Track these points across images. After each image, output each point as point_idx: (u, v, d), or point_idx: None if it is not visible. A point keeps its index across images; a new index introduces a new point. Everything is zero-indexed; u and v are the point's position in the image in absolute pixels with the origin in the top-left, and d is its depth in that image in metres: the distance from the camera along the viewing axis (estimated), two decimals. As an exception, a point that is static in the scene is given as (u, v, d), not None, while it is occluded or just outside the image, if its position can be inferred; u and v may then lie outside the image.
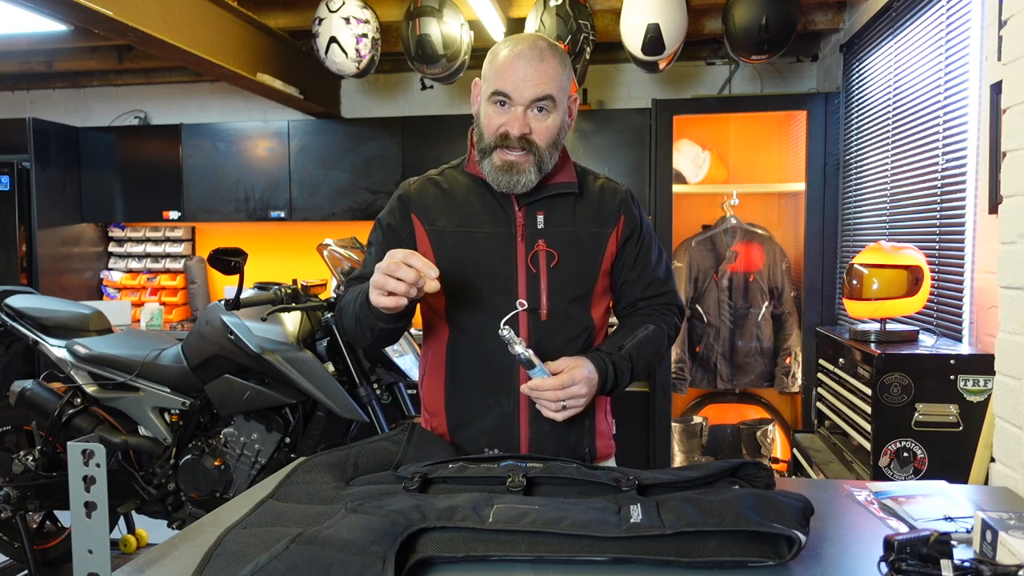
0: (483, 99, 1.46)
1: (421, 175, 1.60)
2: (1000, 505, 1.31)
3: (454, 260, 1.47)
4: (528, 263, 1.47)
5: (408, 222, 1.53)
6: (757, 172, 4.30)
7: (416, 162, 4.44)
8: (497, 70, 1.42)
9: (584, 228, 1.51)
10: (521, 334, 1.45)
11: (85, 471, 1.11)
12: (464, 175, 1.54)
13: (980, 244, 2.24)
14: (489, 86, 1.44)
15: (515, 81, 1.40)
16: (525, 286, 1.47)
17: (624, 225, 1.55)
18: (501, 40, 1.49)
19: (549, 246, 1.48)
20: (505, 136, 1.42)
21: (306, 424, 2.74)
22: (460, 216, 1.50)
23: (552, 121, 1.44)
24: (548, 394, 1.37)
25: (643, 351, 1.50)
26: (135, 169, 4.86)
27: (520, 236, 1.48)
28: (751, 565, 0.98)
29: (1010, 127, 1.48)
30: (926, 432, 2.08)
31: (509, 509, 1.05)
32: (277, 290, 2.66)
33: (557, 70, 1.42)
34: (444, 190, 1.54)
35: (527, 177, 1.43)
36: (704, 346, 4.05)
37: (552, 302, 1.48)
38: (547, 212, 1.50)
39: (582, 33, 3.43)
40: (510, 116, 1.42)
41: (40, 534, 3.18)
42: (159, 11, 2.99)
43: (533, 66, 1.40)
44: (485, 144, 1.45)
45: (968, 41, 2.32)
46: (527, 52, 1.41)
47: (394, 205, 1.56)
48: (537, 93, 1.40)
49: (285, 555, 0.92)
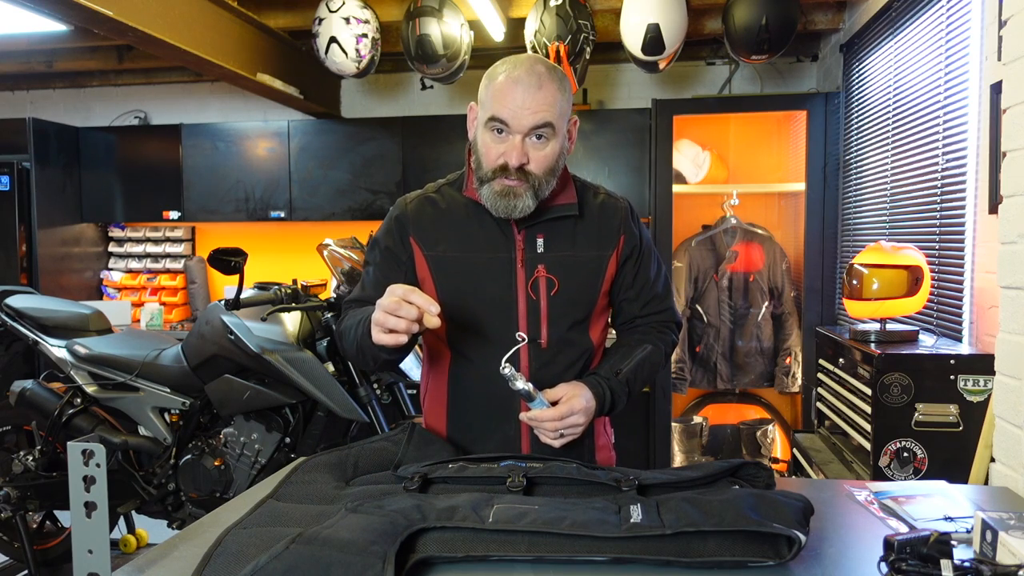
0: (480, 125, 1.43)
1: (418, 192, 1.57)
2: (1000, 505, 1.30)
3: (454, 287, 1.47)
4: (528, 290, 1.46)
5: (407, 245, 1.51)
6: (757, 172, 4.30)
7: (416, 162, 4.44)
8: (494, 96, 1.39)
9: (584, 252, 1.50)
10: (521, 362, 1.46)
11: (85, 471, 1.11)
12: (463, 197, 1.52)
13: (980, 244, 2.24)
14: (486, 112, 1.41)
15: (513, 108, 1.37)
16: (525, 313, 1.46)
17: (624, 245, 1.53)
18: (498, 62, 1.44)
19: (549, 272, 1.47)
20: (504, 167, 1.39)
21: (306, 424, 2.74)
22: (459, 241, 1.48)
23: (550, 149, 1.41)
24: (547, 424, 1.38)
25: (640, 373, 1.51)
26: (135, 169, 4.86)
27: (520, 261, 1.46)
28: (751, 565, 0.98)
29: (1010, 127, 1.48)
30: (926, 432, 2.08)
31: (509, 509, 1.05)
32: (277, 290, 2.66)
33: (556, 96, 1.39)
34: (442, 211, 1.51)
35: (524, 203, 1.41)
36: (704, 346, 4.05)
37: (552, 330, 1.47)
38: (547, 235, 1.48)
39: (582, 33, 3.43)
40: (508, 145, 1.39)
41: (40, 534, 3.18)
42: (159, 11, 2.99)
43: (531, 93, 1.36)
44: (483, 173, 1.43)
45: (968, 41, 2.32)
46: (525, 78, 1.37)
47: (391, 226, 1.53)
48: (535, 121, 1.37)
49: (285, 555, 0.92)
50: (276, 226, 4.93)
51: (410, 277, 1.51)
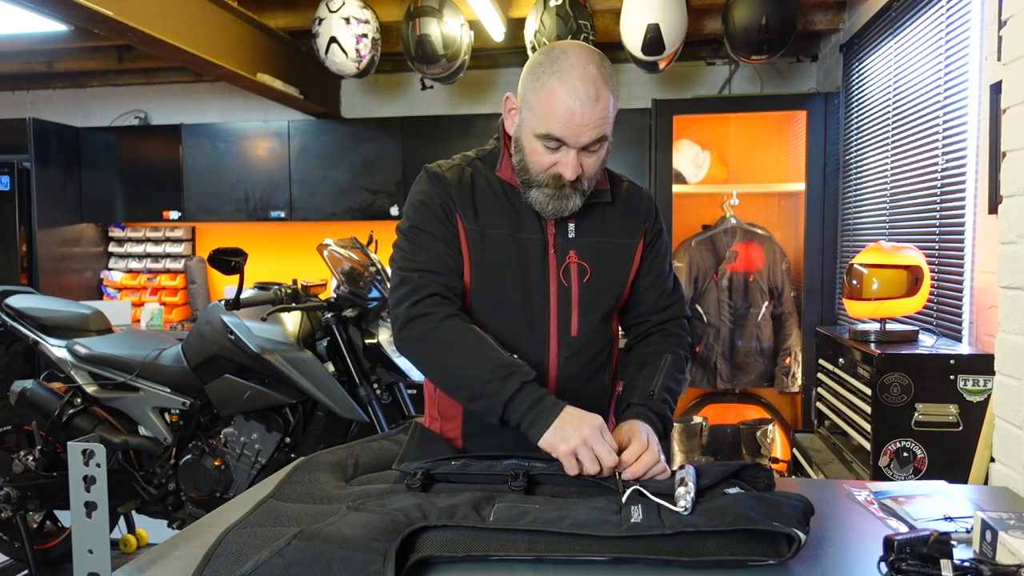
0: (528, 131, 1.34)
1: (449, 161, 1.48)
2: (1000, 505, 1.31)
3: (488, 266, 1.41)
4: (560, 276, 1.43)
5: (452, 212, 1.41)
6: (757, 172, 4.30)
7: (416, 162, 4.44)
8: (547, 109, 1.29)
9: (614, 239, 1.47)
10: (551, 351, 1.42)
11: (85, 471, 1.11)
12: (496, 176, 1.45)
13: (980, 244, 2.24)
14: (538, 123, 1.31)
15: (572, 128, 1.29)
16: (556, 299, 1.43)
17: (648, 232, 1.51)
18: (543, 54, 1.33)
19: (581, 258, 1.43)
20: (558, 177, 1.34)
21: (306, 424, 2.74)
22: (496, 219, 1.42)
23: (602, 153, 1.36)
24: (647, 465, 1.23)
25: (670, 383, 1.45)
26: (135, 169, 4.86)
27: (552, 245, 1.42)
28: (751, 564, 0.98)
29: (1010, 127, 1.48)
30: (926, 432, 2.08)
31: (510, 508, 1.05)
32: (277, 290, 2.66)
33: (611, 103, 1.31)
34: (479, 186, 1.44)
35: (573, 202, 1.37)
36: (704, 346, 4.05)
37: (583, 319, 1.44)
38: (578, 220, 1.44)
39: (582, 33, 3.42)
40: (563, 158, 1.32)
41: (40, 534, 3.18)
42: (159, 11, 2.99)
43: (590, 108, 1.28)
44: (530, 177, 1.37)
45: (968, 41, 2.32)
46: (582, 90, 1.27)
47: (436, 187, 1.42)
48: (593, 137, 1.31)
49: (287, 551, 0.93)
50: (276, 226, 4.93)
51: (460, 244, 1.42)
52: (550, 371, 1.43)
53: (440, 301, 1.37)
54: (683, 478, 1.11)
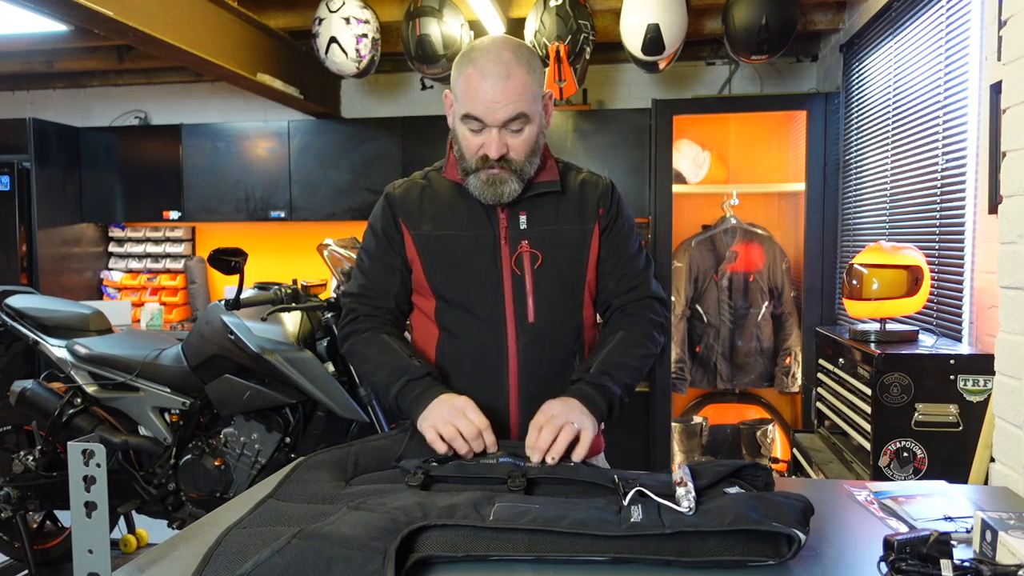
0: (456, 118, 1.44)
1: (404, 179, 1.60)
2: (1000, 505, 1.31)
3: (440, 265, 1.49)
4: (512, 265, 1.48)
5: (397, 227, 1.53)
6: (757, 172, 4.30)
7: (416, 162, 4.42)
8: (465, 91, 1.39)
9: (567, 225, 1.51)
10: (508, 338, 1.47)
11: (85, 471, 1.11)
12: (446, 180, 1.54)
13: (980, 244, 2.24)
14: (460, 107, 1.41)
15: (485, 104, 1.37)
16: (511, 288, 1.47)
17: (603, 216, 1.54)
18: (467, 47, 1.45)
19: (532, 247, 1.48)
20: (485, 158, 1.41)
21: (306, 424, 2.74)
22: (445, 220, 1.50)
23: (528, 134, 1.42)
24: (539, 442, 1.30)
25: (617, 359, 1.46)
26: (135, 169, 4.86)
27: (504, 238, 1.48)
28: (751, 564, 0.98)
29: (1010, 127, 1.48)
30: (926, 432, 2.08)
31: (510, 508, 1.05)
32: (277, 290, 2.66)
33: (525, 82, 1.38)
34: (428, 193, 1.54)
35: (510, 187, 1.44)
36: (704, 346, 4.05)
37: (538, 304, 1.48)
38: (529, 212, 1.50)
39: (582, 33, 3.43)
40: (486, 138, 1.40)
41: (40, 534, 3.18)
42: (159, 11, 2.99)
43: (500, 85, 1.36)
44: (467, 164, 1.45)
45: (968, 41, 2.32)
46: (492, 70, 1.36)
47: (382, 210, 1.56)
48: (508, 114, 1.38)
49: (287, 550, 0.93)
50: (276, 226, 4.93)
51: (403, 259, 1.53)
52: (509, 358, 1.47)
53: (363, 319, 1.55)
54: (680, 478, 1.11)
